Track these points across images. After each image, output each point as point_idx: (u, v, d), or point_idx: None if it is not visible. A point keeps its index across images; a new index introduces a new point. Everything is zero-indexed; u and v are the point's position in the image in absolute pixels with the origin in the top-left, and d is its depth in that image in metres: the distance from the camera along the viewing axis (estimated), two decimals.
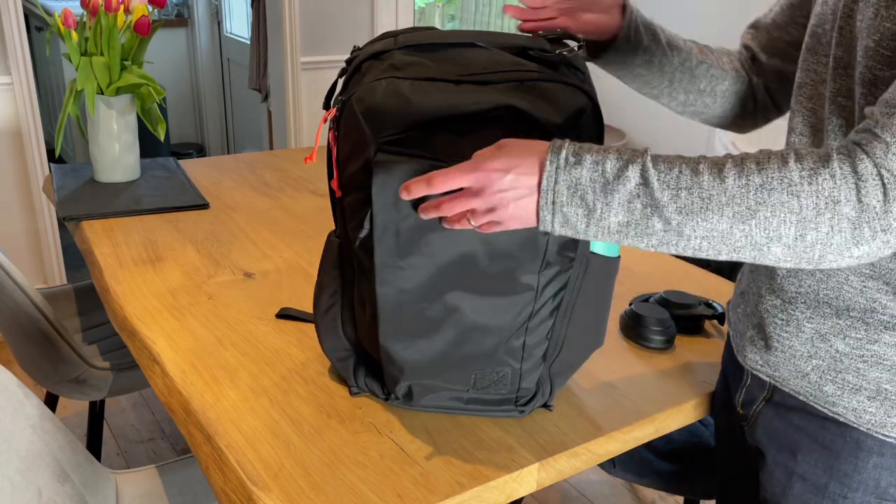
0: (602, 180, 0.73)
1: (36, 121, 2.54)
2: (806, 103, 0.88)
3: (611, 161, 0.73)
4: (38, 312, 1.51)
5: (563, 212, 0.75)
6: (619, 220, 0.73)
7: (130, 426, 2.28)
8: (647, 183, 0.72)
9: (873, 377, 0.83)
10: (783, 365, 0.89)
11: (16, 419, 1.04)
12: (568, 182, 0.74)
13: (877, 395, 0.83)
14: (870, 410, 0.83)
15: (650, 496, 2.10)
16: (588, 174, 0.73)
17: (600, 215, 0.74)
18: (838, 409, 0.85)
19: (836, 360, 0.85)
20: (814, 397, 0.87)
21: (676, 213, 0.72)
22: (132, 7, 1.66)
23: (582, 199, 0.74)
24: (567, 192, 0.74)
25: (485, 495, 0.89)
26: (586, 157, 0.74)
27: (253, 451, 0.90)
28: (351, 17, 2.99)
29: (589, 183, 0.73)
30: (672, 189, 0.72)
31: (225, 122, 4.45)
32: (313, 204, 1.70)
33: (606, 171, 0.73)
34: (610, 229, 0.74)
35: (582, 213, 0.74)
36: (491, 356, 0.91)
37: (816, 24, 0.88)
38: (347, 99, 0.87)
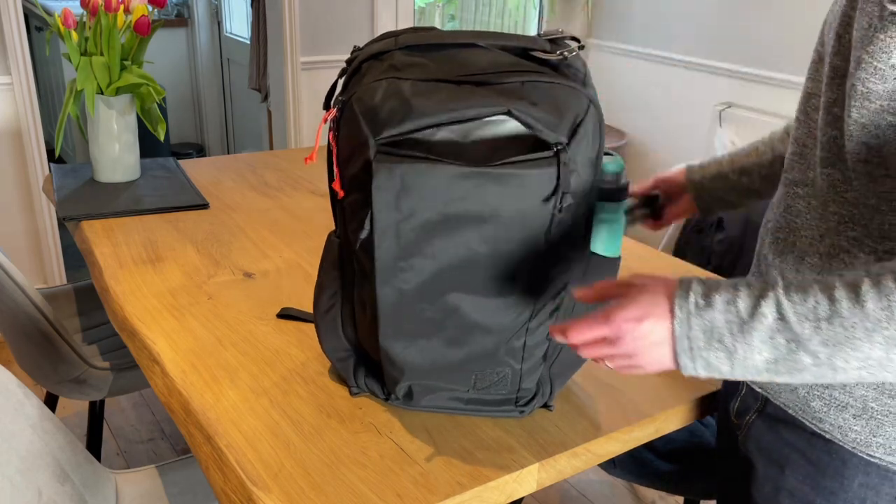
0: (737, 321, 0.71)
1: (36, 121, 2.54)
2: (812, 114, 0.87)
3: (742, 300, 0.72)
4: (38, 312, 1.51)
5: (703, 357, 0.74)
6: (764, 357, 0.72)
7: (130, 426, 2.28)
8: (784, 318, 0.70)
9: (859, 395, 0.82)
10: None
11: (16, 419, 1.04)
12: (702, 326, 0.73)
13: (862, 412, 0.82)
14: (855, 429, 0.82)
15: (650, 496, 2.10)
16: (722, 316, 0.72)
17: (743, 356, 0.72)
18: (825, 425, 0.84)
19: None
20: (802, 412, 0.86)
21: (822, 346, 0.69)
22: (132, 7, 1.66)
23: (720, 343, 0.72)
24: (703, 336, 0.73)
25: (485, 495, 0.89)
26: (716, 298, 0.73)
27: (253, 451, 0.90)
28: (351, 17, 2.99)
29: (724, 325, 0.72)
30: (811, 321, 0.69)
31: (225, 122, 4.45)
32: (313, 204, 1.70)
33: (740, 311, 0.72)
34: (758, 368, 0.73)
35: (724, 357, 0.73)
36: (491, 357, 0.91)
37: (823, 32, 0.87)
38: (347, 99, 0.87)
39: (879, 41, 0.73)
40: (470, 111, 0.82)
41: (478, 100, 0.82)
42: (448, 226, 0.83)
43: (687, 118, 3.36)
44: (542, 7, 3.87)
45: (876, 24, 0.73)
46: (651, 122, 3.54)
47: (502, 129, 0.83)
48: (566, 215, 0.85)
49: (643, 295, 0.76)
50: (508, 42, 0.89)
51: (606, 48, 3.68)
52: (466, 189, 0.81)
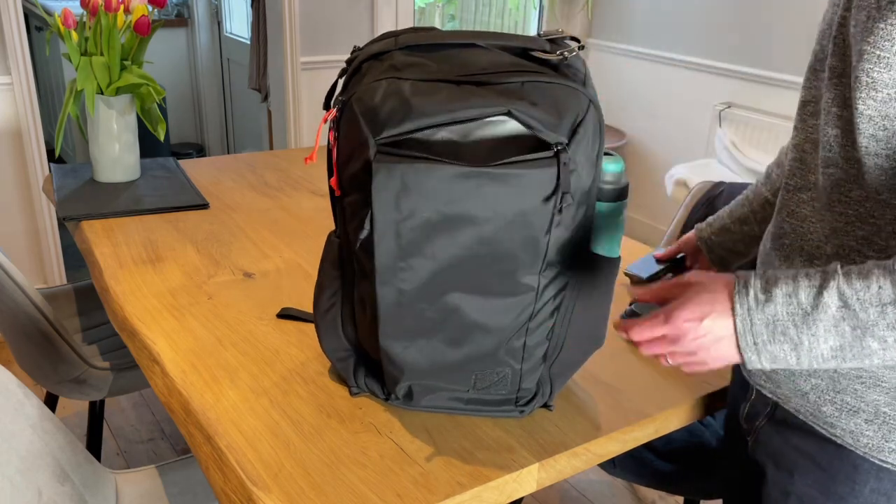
0: (800, 312, 0.72)
1: (36, 121, 2.55)
2: (809, 121, 0.87)
3: (803, 290, 0.72)
4: (38, 312, 1.51)
5: (768, 350, 0.75)
6: (830, 346, 0.72)
7: (130, 426, 2.28)
8: (848, 305, 0.71)
9: (871, 399, 0.81)
10: (784, 383, 0.88)
11: (16, 419, 1.04)
12: (764, 320, 0.74)
13: (875, 417, 0.81)
14: (867, 434, 0.82)
15: (650, 496, 2.10)
16: (783, 309, 0.73)
17: (809, 347, 0.73)
18: (836, 430, 0.84)
19: (835, 381, 0.83)
20: (813, 417, 0.86)
21: (889, 330, 0.70)
22: (132, 7, 1.66)
23: (784, 335, 0.73)
24: (767, 330, 0.74)
25: (485, 495, 0.89)
26: (776, 292, 0.73)
27: (253, 451, 0.90)
28: (351, 17, 3.00)
29: (787, 317, 0.73)
30: (876, 306, 0.70)
31: (225, 122, 4.45)
32: (313, 204, 1.70)
33: (802, 302, 0.72)
34: (824, 356, 0.73)
35: (789, 349, 0.74)
36: (491, 357, 0.91)
37: (817, 42, 0.88)
38: (347, 99, 0.87)
39: (880, 30, 0.73)
40: (470, 112, 0.82)
41: (478, 100, 0.82)
42: (448, 226, 0.83)
43: (687, 118, 3.36)
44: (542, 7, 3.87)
45: (874, 14, 0.74)
46: (651, 122, 3.54)
47: (502, 130, 0.83)
48: (566, 215, 0.85)
49: (702, 294, 0.77)
50: (508, 42, 0.89)
51: (606, 48, 3.68)
52: (466, 189, 0.81)
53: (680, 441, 1.40)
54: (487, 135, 0.83)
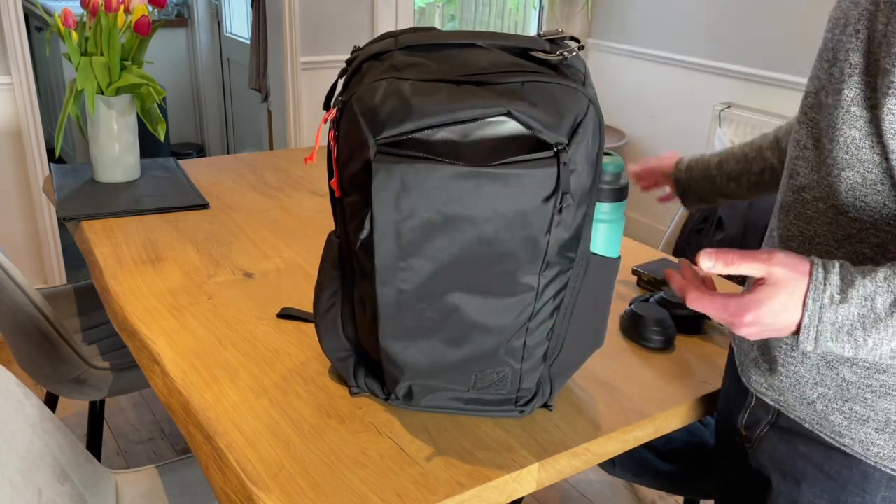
0: (872, 316, 0.71)
1: (36, 121, 2.55)
2: (810, 113, 0.84)
3: (881, 297, 0.71)
4: (38, 312, 1.51)
5: (827, 346, 0.74)
6: (892, 347, 0.72)
7: (130, 426, 2.28)
8: None
9: (881, 408, 0.80)
10: (788, 390, 0.86)
11: (16, 419, 1.04)
12: (833, 320, 0.72)
13: (885, 426, 0.80)
14: (878, 443, 0.80)
15: (650, 496, 2.10)
16: (856, 311, 0.72)
17: (872, 348, 0.72)
18: (845, 439, 0.82)
19: (843, 389, 0.82)
20: (820, 426, 0.84)
21: None
22: (132, 7, 1.66)
23: (850, 335, 0.72)
24: (832, 329, 0.73)
25: (485, 495, 0.89)
26: (852, 293, 0.72)
27: (253, 451, 0.90)
28: (351, 17, 3.00)
29: (858, 320, 0.72)
30: None
31: (225, 122, 4.45)
32: (313, 204, 1.70)
33: (876, 307, 0.71)
34: (882, 356, 0.73)
35: (850, 347, 0.73)
36: (491, 357, 0.91)
37: (828, 30, 0.83)
38: (348, 99, 0.87)
39: None
40: (470, 112, 0.82)
41: (478, 100, 0.82)
42: (448, 226, 0.83)
43: (687, 118, 3.36)
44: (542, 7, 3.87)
45: None
46: (651, 122, 3.54)
47: (502, 130, 0.83)
48: (566, 215, 0.85)
49: (779, 296, 0.74)
50: (508, 42, 0.89)
51: (606, 48, 3.68)
52: (466, 189, 0.81)
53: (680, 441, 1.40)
54: (487, 135, 0.83)
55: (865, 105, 0.76)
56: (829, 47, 0.82)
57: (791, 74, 2.90)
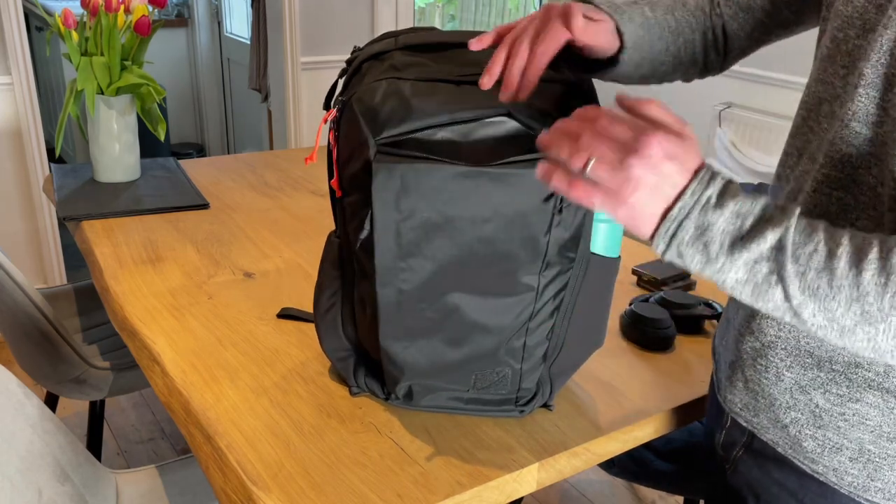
0: (736, 234, 0.67)
1: (36, 121, 2.55)
2: (824, 122, 0.78)
3: (753, 217, 0.66)
4: (38, 312, 1.51)
5: (679, 249, 0.69)
6: (737, 277, 0.67)
7: (130, 426, 2.28)
8: (783, 250, 0.65)
9: (855, 437, 0.77)
10: (763, 412, 0.84)
11: (16, 419, 1.04)
12: (698, 223, 0.67)
13: (859, 455, 0.77)
14: (852, 472, 0.78)
15: (650, 496, 2.10)
16: (724, 224, 0.67)
17: (720, 268, 0.68)
18: (818, 467, 0.79)
19: (816, 416, 0.79)
20: (793, 451, 0.81)
21: (800, 293, 0.65)
22: (132, 7, 1.66)
23: (705, 247, 0.68)
24: (694, 232, 0.68)
25: (485, 495, 0.89)
26: (729, 205, 0.67)
27: (253, 451, 0.90)
28: (351, 17, 3.00)
29: (719, 234, 0.67)
30: (801, 265, 0.65)
31: (225, 122, 4.45)
32: (313, 204, 1.70)
33: (744, 227, 0.66)
34: (725, 283, 0.69)
35: (700, 259, 0.68)
36: (491, 357, 0.91)
37: (838, 28, 0.77)
38: (348, 99, 0.87)
39: None
40: (470, 112, 0.82)
41: (478, 100, 0.82)
42: (448, 226, 0.83)
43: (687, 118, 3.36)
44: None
45: None
46: None
47: (502, 129, 0.83)
48: (566, 215, 0.85)
49: (693, 149, 0.68)
50: None
51: None
52: (466, 189, 0.81)
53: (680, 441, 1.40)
54: (487, 135, 0.83)
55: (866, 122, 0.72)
56: (844, 50, 0.76)
57: (791, 74, 2.90)
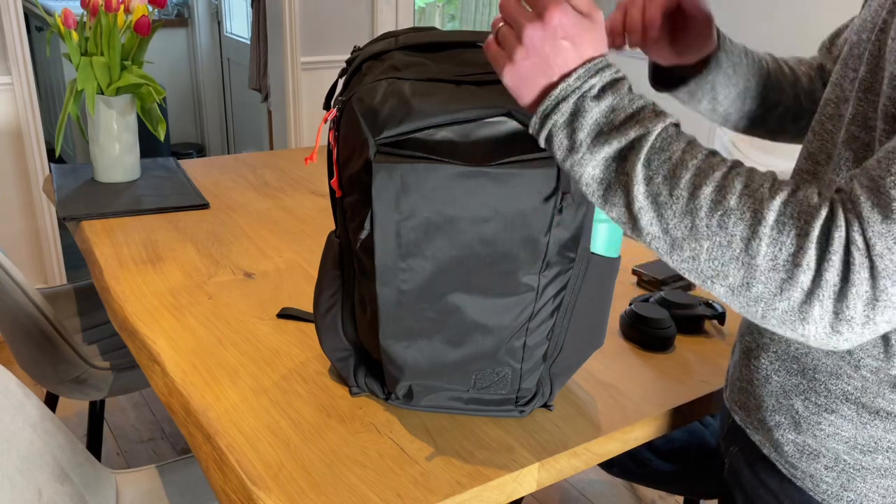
0: (604, 127, 0.66)
1: (36, 121, 2.55)
2: (827, 125, 0.78)
3: (625, 114, 0.66)
4: (38, 312, 1.51)
5: (550, 131, 0.68)
6: (594, 174, 0.67)
7: (130, 426, 2.28)
8: (637, 149, 0.65)
9: (831, 446, 0.78)
10: (753, 412, 0.85)
11: (16, 419, 1.04)
12: (574, 108, 0.67)
13: (835, 464, 0.78)
14: (827, 480, 0.79)
15: (650, 496, 2.10)
16: (596, 114, 0.67)
17: (580, 160, 0.67)
18: (797, 472, 0.81)
19: (796, 422, 0.80)
20: (777, 454, 0.83)
21: (643, 197, 0.64)
22: (132, 7, 1.66)
23: (573, 133, 0.67)
24: (568, 117, 0.67)
25: (485, 495, 0.89)
26: (608, 98, 0.67)
27: (253, 451, 0.90)
28: (351, 17, 3.00)
29: (589, 124, 0.67)
30: (652, 170, 0.65)
31: (225, 122, 4.45)
32: (313, 204, 1.70)
33: (614, 122, 0.66)
34: (583, 178, 0.68)
35: (566, 146, 0.68)
36: (491, 357, 0.91)
37: (856, 32, 0.77)
38: (348, 99, 0.87)
39: None
40: (470, 112, 0.82)
41: (478, 100, 0.82)
42: (448, 226, 0.83)
43: (687, 118, 3.36)
44: None
45: None
46: None
47: (502, 129, 0.83)
48: (566, 215, 0.85)
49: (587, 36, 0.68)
50: None
51: None
52: (467, 189, 0.81)
53: (680, 441, 1.40)
54: (487, 135, 0.83)
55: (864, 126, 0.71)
56: (856, 53, 0.76)
57: None
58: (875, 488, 0.77)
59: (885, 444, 0.76)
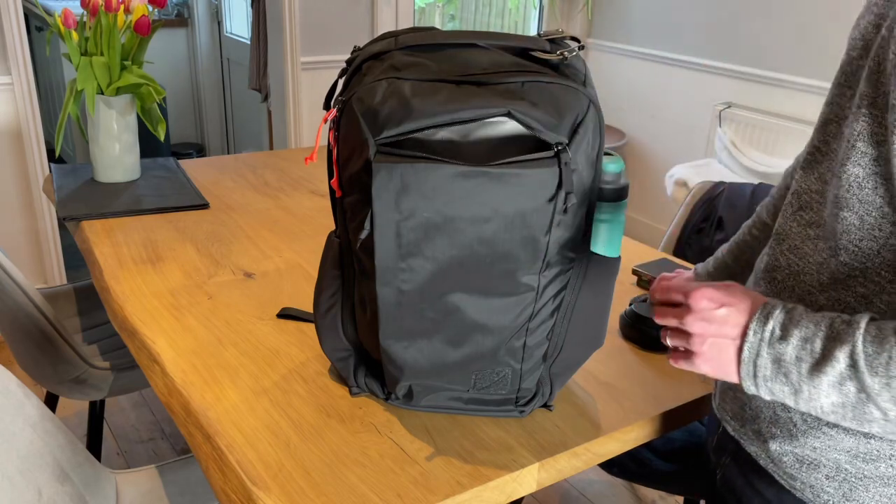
0: (810, 360, 0.69)
1: (36, 121, 2.55)
2: (833, 143, 0.79)
3: (820, 339, 0.69)
4: (38, 312, 1.51)
5: (767, 386, 0.72)
6: (832, 401, 0.69)
7: (130, 426, 2.28)
8: (857, 366, 0.67)
9: (832, 457, 0.78)
10: (748, 423, 0.85)
11: (16, 419, 1.04)
12: (773, 356, 0.71)
13: (836, 474, 0.78)
14: (828, 490, 0.78)
15: (650, 496, 2.10)
16: (793, 352, 0.70)
17: (808, 396, 0.70)
18: (796, 483, 0.80)
19: (793, 435, 0.80)
20: (774, 465, 0.82)
21: (892, 404, 0.66)
22: (132, 7, 1.66)
23: (787, 378, 0.71)
24: (772, 367, 0.71)
25: (485, 495, 0.89)
26: (794, 333, 0.70)
27: (253, 451, 0.90)
28: (351, 17, 2.99)
29: (794, 362, 0.70)
30: (882, 377, 0.66)
31: (225, 122, 4.45)
32: (313, 204, 1.70)
33: (815, 350, 0.69)
34: (824, 410, 0.70)
35: (788, 391, 0.71)
36: (491, 357, 0.91)
37: (847, 52, 0.79)
38: (348, 99, 0.87)
39: None
40: (470, 112, 0.82)
41: (478, 101, 0.82)
42: (448, 226, 0.83)
43: (687, 118, 3.36)
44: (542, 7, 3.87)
45: None
46: (651, 122, 3.54)
47: (502, 130, 0.83)
48: (566, 215, 0.85)
49: (735, 292, 0.75)
50: (508, 42, 0.89)
51: (606, 48, 3.68)
52: (467, 189, 0.81)
53: (680, 441, 1.40)
54: (487, 135, 0.83)
55: (871, 141, 0.71)
56: (847, 71, 0.77)
57: (791, 74, 2.90)
58: (878, 497, 0.77)
59: (888, 452, 0.75)
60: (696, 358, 0.76)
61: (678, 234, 1.85)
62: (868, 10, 0.77)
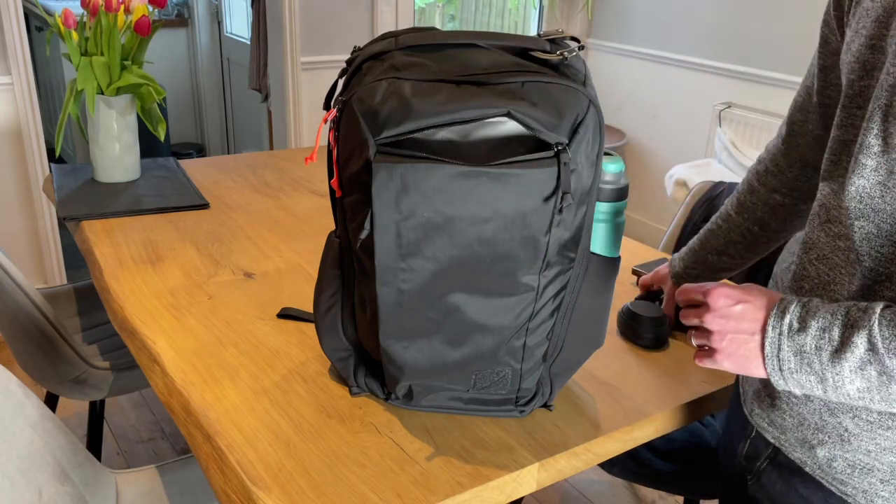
0: (830, 348, 0.71)
1: (36, 121, 2.55)
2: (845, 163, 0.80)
3: (838, 327, 0.71)
4: (38, 312, 1.51)
5: (794, 378, 0.74)
6: (857, 387, 0.71)
7: (130, 426, 2.28)
8: (875, 349, 0.69)
9: (887, 460, 0.76)
10: (790, 431, 0.83)
11: (16, 419, 1.04)
12: (794, 349, 0.73)
13: (891, 477, 0.76)
14: (882, 494, 0.77)
15: (650, 496, 2.10)
16: (813, 342, 0.72)
17: (834, 384, 0.72)
18: (847, 488, 0.79)
19: (845, 440, 0.78)
20: (821, 472, 0.81)
21: None
22: (132, 7, 1.66)
23: (811, 368, 0.72)
24: (795, 360, 0.73)
25: (485, 495, 0.89)
26: (811, 324, 0.73)
27: (253, 451, 0.90)
28: (351, 17, 3.00)
29: (814, 352, 0.72)
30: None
31: (225, 122, 4.45)
32: (313, 204, 1.70)
33: (833, 338, 0.71)
34: (851, 396, 0.72)
35: (815, 381, 0.73)
36: (491, 357, 0.91)
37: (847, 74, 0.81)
38: (348, 99, 0.87)
39: None
40: (470, 112, 0.82)
41: (478, 101, 0.82)
42: (448, 226, 0.83)
43: (687, 118, 3.36)
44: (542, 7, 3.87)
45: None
46: (651, 122, 3.54)
47: (502, 130, 0.83)
48: (566, 215, 0.85)
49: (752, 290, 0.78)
50: (508, 42, 0.89)
51: (606, 48, 3.68)
52: (466, 189, 0.81)
53: (680, 441, 1.40)
54: (487, 135, 0.83)
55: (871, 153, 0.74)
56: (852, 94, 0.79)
57: (791, 74, 2.90)
58: None
59: None
60: (718, 355, 0.79)
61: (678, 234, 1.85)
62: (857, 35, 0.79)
